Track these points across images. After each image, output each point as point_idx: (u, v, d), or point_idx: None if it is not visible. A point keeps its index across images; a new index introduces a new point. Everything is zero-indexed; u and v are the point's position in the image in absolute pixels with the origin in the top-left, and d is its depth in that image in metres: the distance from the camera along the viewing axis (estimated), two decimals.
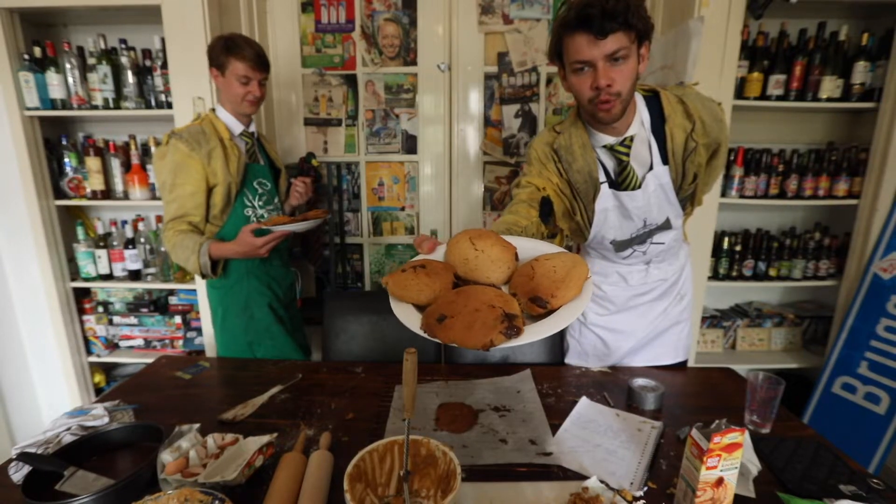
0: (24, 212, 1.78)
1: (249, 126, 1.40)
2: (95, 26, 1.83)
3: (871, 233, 1.72)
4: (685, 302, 1.24)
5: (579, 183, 1.04)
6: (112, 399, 1.05)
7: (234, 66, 1.27)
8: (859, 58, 1.71)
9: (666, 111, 0.96)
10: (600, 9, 0.80)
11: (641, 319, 1.22)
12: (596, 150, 1.02)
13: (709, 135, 0.97)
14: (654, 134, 0.98)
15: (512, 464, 0.84)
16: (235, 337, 1.44)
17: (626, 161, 0.99)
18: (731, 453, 0.67)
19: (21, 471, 0.80)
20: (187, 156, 1.25)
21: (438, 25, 1.95)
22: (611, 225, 1.07)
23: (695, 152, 0.97)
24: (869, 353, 1.68)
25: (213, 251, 1.26)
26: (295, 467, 0.79)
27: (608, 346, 1.26)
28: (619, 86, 0.86)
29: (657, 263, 1.17)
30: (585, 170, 1.02)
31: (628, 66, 0.86)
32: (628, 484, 0.79)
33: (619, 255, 1.14)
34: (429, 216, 2.13)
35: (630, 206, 1.03)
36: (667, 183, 1.00)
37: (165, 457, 0.77)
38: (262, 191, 1.43)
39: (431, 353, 1.40)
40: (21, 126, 1.71)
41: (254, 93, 1.31)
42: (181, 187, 1.27)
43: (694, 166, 0.98)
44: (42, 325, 1.89)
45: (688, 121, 0.96)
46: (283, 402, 1.07)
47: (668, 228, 1.07)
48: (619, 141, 0.98)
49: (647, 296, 1.20)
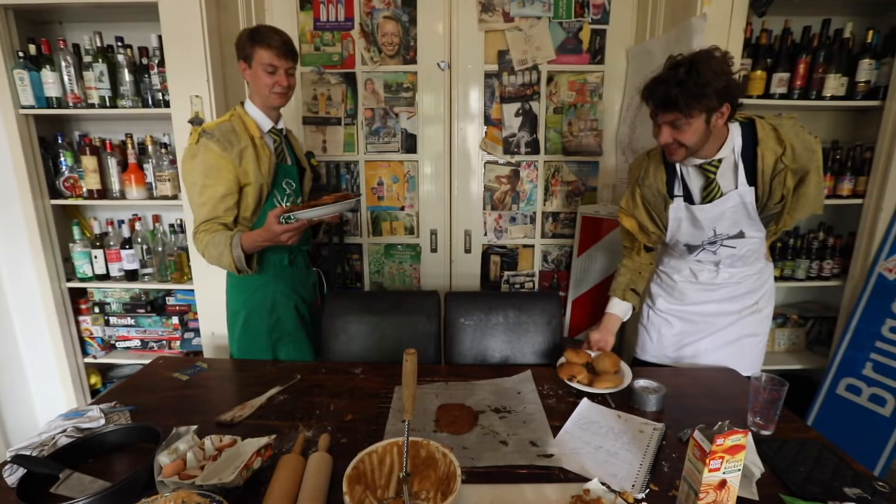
0: (19, 211, 1.76)
1: (278, 123, 1.37)
2: (91, 24, 1.82)
3: (876, 232, 1.71)
4: (763, 315, 1.33)
5: (648, 196, 1.26)
6: (108, 400, 1.05)
7: (259, 55, 1.24)
8: (864, 55, 1.70)
9: (759, 135, 1.10)
10: (662, 94, 1.04)
11: (712, 318, 1.33)
12: (685, 167, 1.19)
13: (797, 161, 1.09)
14: (744, 157, 1.12)
15: (512, 465, 0.83)
16: (258, 338, 1.39)
17: (713, 178, 1.15)
18: (734, 455, 0.66)
19: (16, 473, 0.79)
20: (219, 156, 1.20)
21: (438, 23, 1.94)
22: (683, 232, 1.25)
23: (782, 174, 1.10)
24: (874, 355, 1.67)
25: (244, 242, 1.21)
26: (294, 469, 0.78)
27: (682, 335, 1.37)
28: (682, 140, 1.07)
29: (726, 267, 1.28)
30: (654, 186, 1.25)
31: (691, 128, 1.05)
32: (630, 486, 0.78)
33: (691, 256, 1.30)
34: (429, 216, 2.12)
35: (700, 216, 1.19)
36: (750, 202, 1.14)
37: (162, 459, 0.77)
38: (290, 191, 1.39)
39: (431, 353, 1.40)
40: (16, 124, 1.69)
41: (280, 83, 1.27)
42: (212, 188, 1.21)
43: (781, 188, 1.11)
44: (37, 326, 1.88)
45: (779, 146, 1.09)
46: (282, 404, 1.06)
47: (742, 237, 1.21)
48: (708, 161, 1.14)
49: (715, 293, 1.31)
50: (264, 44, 1.24)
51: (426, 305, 1.42)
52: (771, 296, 1.35)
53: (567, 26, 1.95)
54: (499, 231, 2.14)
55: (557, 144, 2.06)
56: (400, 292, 2.07)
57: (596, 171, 2.09)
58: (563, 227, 2.14)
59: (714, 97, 1.00)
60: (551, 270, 2.19)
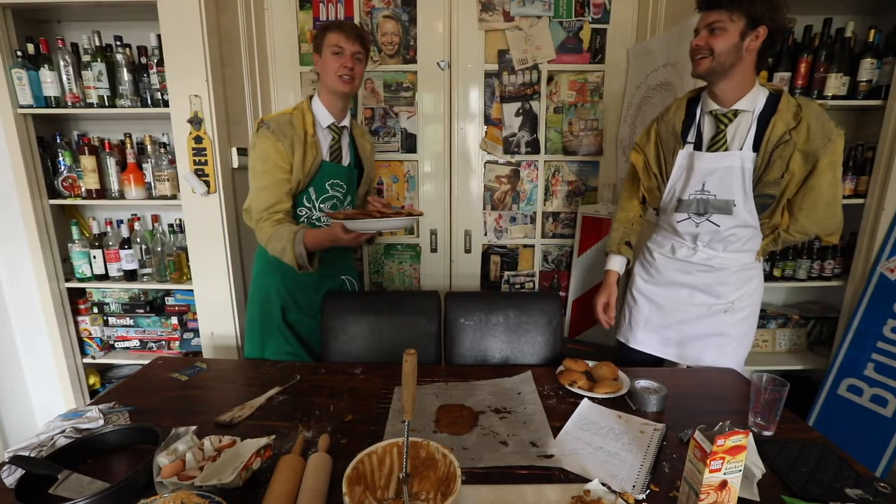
0: (17, 211, 1.76)
1: (342, 120, 1.37)
2: (90, 23, 1.81)
3: (877, 232, 1.71)
4: (737, 318, 1.30)
5: (662, 132, 1.27)
6: (107, 401, 1.04)
7: (328, 38, 1.27)
8: (866, 55, 1.69)
9: (780, 105, 1.11)
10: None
11: (681, 306, 1.34)
12: (703, 114, 1.20)
13: (810, 142, 1.08)
14: (759, 122, 1.12)
15: (513, 466, 0.83)
16: (252, 325, 1.45)
17: (723, 129, 1.16)
18: (735, 456, 0.66)
19: (14, 474, 0.79)
20: (273, 145, 1.26)
21: (438, 22, 1.94)
22: (680, 183, 1.24)
23: (787, 148, 1.09)
24: (875, 355, 1.66)
25: (308, 239, 1.24)
26: (293, 470, 0.78)
27: (649, 317, 1.39)
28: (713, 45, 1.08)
29: (704, 245, 1.27)
30: (671, 123, 1.25)
31: (726, 34, 1.07)
32: (630, 487, 0.78)
33: (677, 216, 1.27)
34: (428, 216, 2.11)
35: (696, 165, 1.19)
36: (748, 169, 1.13)
37: (161, 459, 0.76)
38: (333, 193, 1.39)
39: (431, 354, 1.39)
40: (14, 124, 1.69)
41: (346, 64, 1.27)
42: (270, 174, 1.27)
43: (782, 164, 1.10)
44: (36, 326, 1.88)
45: (794, 119, 1.09)
46: (282, 404, 1.05)
47: (729, 213, 1.19)
48: (724, 112, 1.15)
49: (689, 276, 1.31)
50: (333, 26, 1.27)
51: (426, 305, 1.42)
52: (752, 300, 1.31)
53: (567, 25, 1.95)
54: (499, 231, 2.14)
55: (558, 144, 2.05)
56: (400, 292, 2.06)
57: (596, 171, 2.09)
58: (563, 227, 2.13)
59: (759, 6, 1.03)
60: (551, 270, 2.19)
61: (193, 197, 1.69)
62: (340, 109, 1.36)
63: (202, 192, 1.67)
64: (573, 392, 1.09)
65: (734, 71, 1.10)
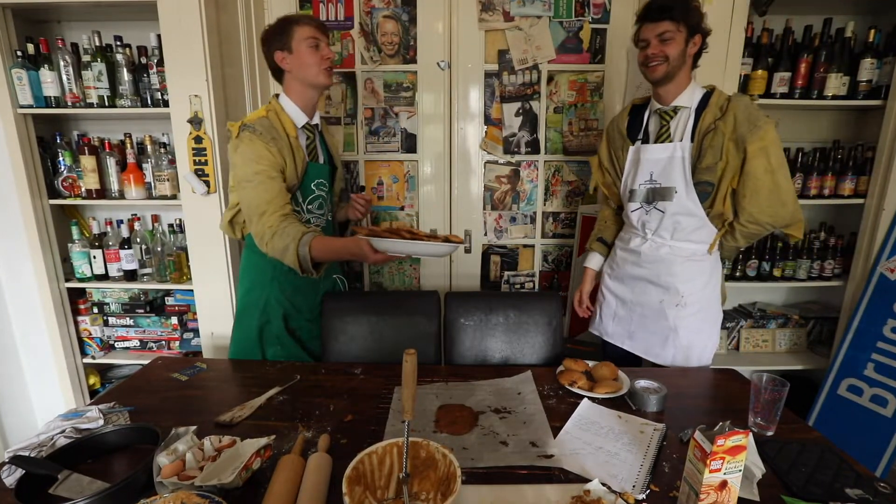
0: (17, 211, 1.76)
1: (314, 118, 1.34)
2: (90, 23, 1.81)
3: (877, 232, 1.71)
4: (688, 312, 1.33)
5: (612, 134, 1.44)
6: (107, 401, 1.04)
7: (299, 32, 1.23)
8: (866, 55, 1.69)
9: (711, 100, 1.23)
10: (659, 3, 1.18)
11: (640, 298, 1.40)
12: (651, 114, 1.34)
13: (737, 130, 1.18)
14: (696, 116, 1.24)
15: (513, 466, 0.83)
16: (249, 334, 1.39)
17: (667, 124, 1.28)
18: (735, 456, 0.66)
19: (14, 474, 0.79)
20: (265, 146, 1.21)
21: (438, 23, 1.94)
22: (631, 175, 1.36)
23: (716, 137, 1.19)
24: (875, 355, 1.66)
25: (316, 245, 1.17)
26: (293, 470, 0.78)
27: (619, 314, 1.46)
28: (667, 52, 1.20)
29: (652, 234, 1.35)
30: (617, 126, 1.42)
31: (675, 42, 1.19)
32: (630, 487, 0.78)
33: (631, 206, 1.37)
34: (428, 216, 2.11)
35: (643, 157, 1.31)
36: (687, 157, 1.24)
37: (161, 459, 0.76)
38: (318, 193, 1.35)
39: (431, 354, 1.39)
40: (14, 124, 1.69)
41: (329, 56, 1.25)
42: (266, 172, 1.20)
43: (714, 153, 1.20)
44: (36, 326, 1.88)
45: (720, 111, 1.21)
46: (282, 404, 1.05)
47: (670, 200, 1.28)
48: (665, 109, 1.28)
49: (640, 269, 1.38)
50: (301, 21, 1.24)
51: (426, 305, 1.42)
52: (704, 295, 1.33)
53: (567, 25, 1.94)
54: (499, 231, 2.14)
55: (558, 144, 2.05)
56: (400, 292, 2.06)
57: None
58: (563, 227, 2.13)
59: (694, 16, 1.19)
60: (551, 270, 2.18)
61: (193, 197, 1.69)
62: (314, 106, 1.33)
63: (202, 192, 1.67)
64: (573, 392, 1.09)
65: (678, 74, 1.23)
